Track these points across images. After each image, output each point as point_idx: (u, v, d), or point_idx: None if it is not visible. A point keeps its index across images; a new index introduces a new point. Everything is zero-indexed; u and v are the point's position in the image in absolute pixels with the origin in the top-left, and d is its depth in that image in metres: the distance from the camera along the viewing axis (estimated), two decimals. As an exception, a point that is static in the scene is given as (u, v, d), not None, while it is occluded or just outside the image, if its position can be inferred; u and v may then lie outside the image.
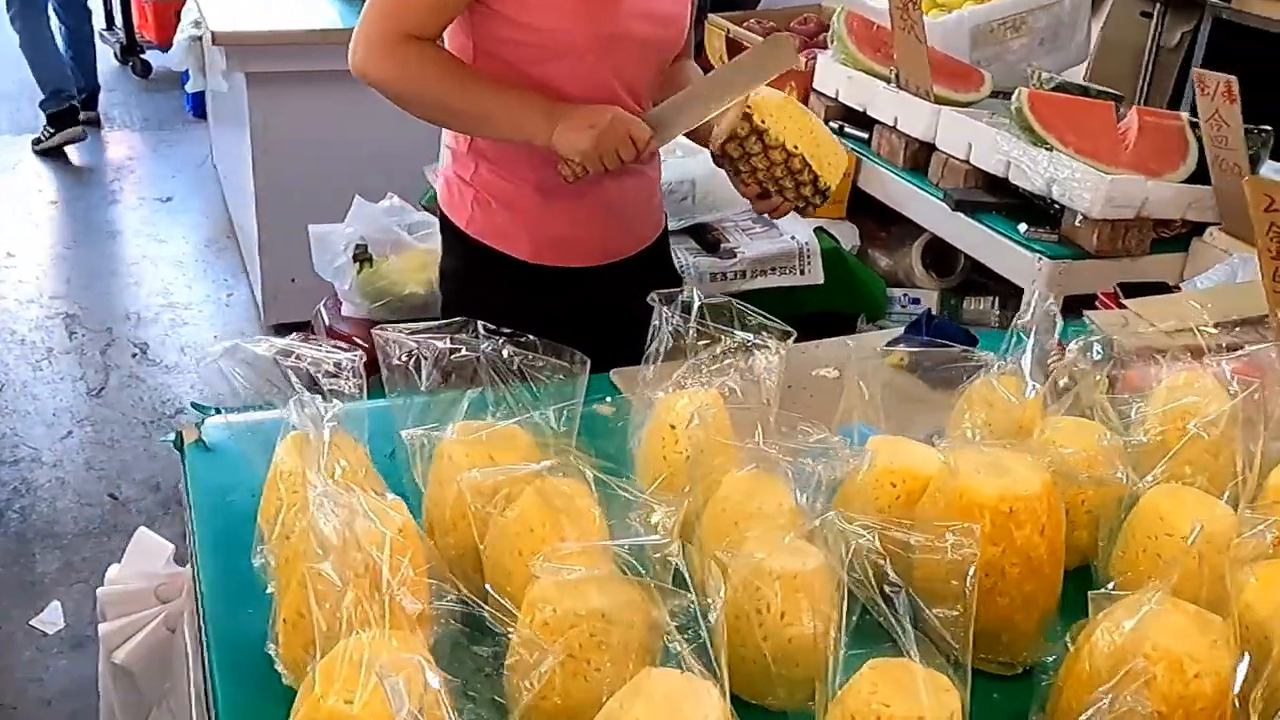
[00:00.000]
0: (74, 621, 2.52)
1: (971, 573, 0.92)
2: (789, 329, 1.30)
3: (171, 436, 1.46)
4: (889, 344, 1.76)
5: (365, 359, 2.38)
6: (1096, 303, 1.85)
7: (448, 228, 1.88)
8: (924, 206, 2.52)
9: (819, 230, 2.67)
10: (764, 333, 1.28)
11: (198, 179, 4.94)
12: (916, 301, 2.63)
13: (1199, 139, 2.35)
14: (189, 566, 1.63)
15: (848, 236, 2.75)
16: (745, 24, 3.31)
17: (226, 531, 1.27)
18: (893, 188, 2.62)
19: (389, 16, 1.61)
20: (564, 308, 1.84)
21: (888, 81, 2.68)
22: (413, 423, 1.21)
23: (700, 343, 1.30)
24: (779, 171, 1.68)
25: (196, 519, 1.32)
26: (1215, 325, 1.68)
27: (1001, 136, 2.34)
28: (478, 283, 1.88)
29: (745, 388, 1.26)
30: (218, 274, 4.13)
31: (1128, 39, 4.62)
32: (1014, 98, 2.32)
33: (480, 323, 1.22)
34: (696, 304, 1.31)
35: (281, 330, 3.69)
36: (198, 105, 5.44)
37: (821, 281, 2.62)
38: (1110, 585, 1.08)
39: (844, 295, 2.65)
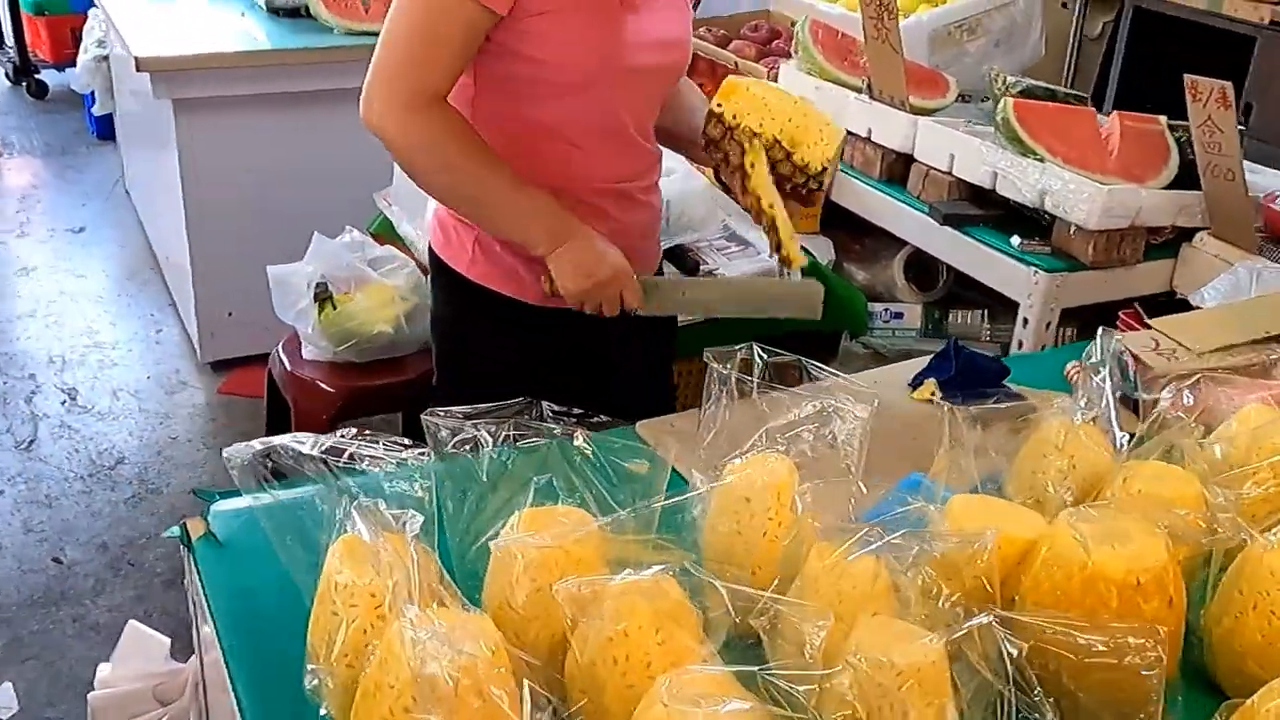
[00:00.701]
0: (29, 704, 2.33)
1: (1158, 680, 0.85)
2: (870, 391, 1.21)
3: (174, 532, 1.32)
4: (917, 376, 1.69)
5: (338, 405, 2.26)
6: (1119, 324, 1.80)
7: (444, 273, 1.77)
8: (904, 219, 2.46)
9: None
10: (842, 394, 1.18)
11: (109, 206, 4.69)
12: (899, 316, 2.58)
13: (1178, 142, 2.34)
14: (191, 662, 1.49)
15: (823, 251, 2.68)
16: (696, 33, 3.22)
17: (256, 641, 1.15)
18: (869, 200, 2.56)
19: (416, 69, 1.50)
20: (568, 348, 1.78)
21: (859, 91, 2.62)
22: (469, 513, 1.10)
23: (763, 404, 1.21)
24: (751, 155, 1.61)
25: (220, 628, 1.18)
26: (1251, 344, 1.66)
27: (986, 147, 2.30)
28: (479, 328, 1.79)
29: (821, 453, 1.18)
30: (143, 309, 3.92)
31: (1049, 30, 4.65)
32: (999, 108, 2.27)
33: (546, 404, 1.10)
34: (760, 363, 1.22)
35: (219, 367, 3.52)
36: (103, 127, 5.18)
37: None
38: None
39: (825, 312, 2.57)
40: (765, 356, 1.22)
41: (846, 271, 2.70)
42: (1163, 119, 2.38)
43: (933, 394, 1.65)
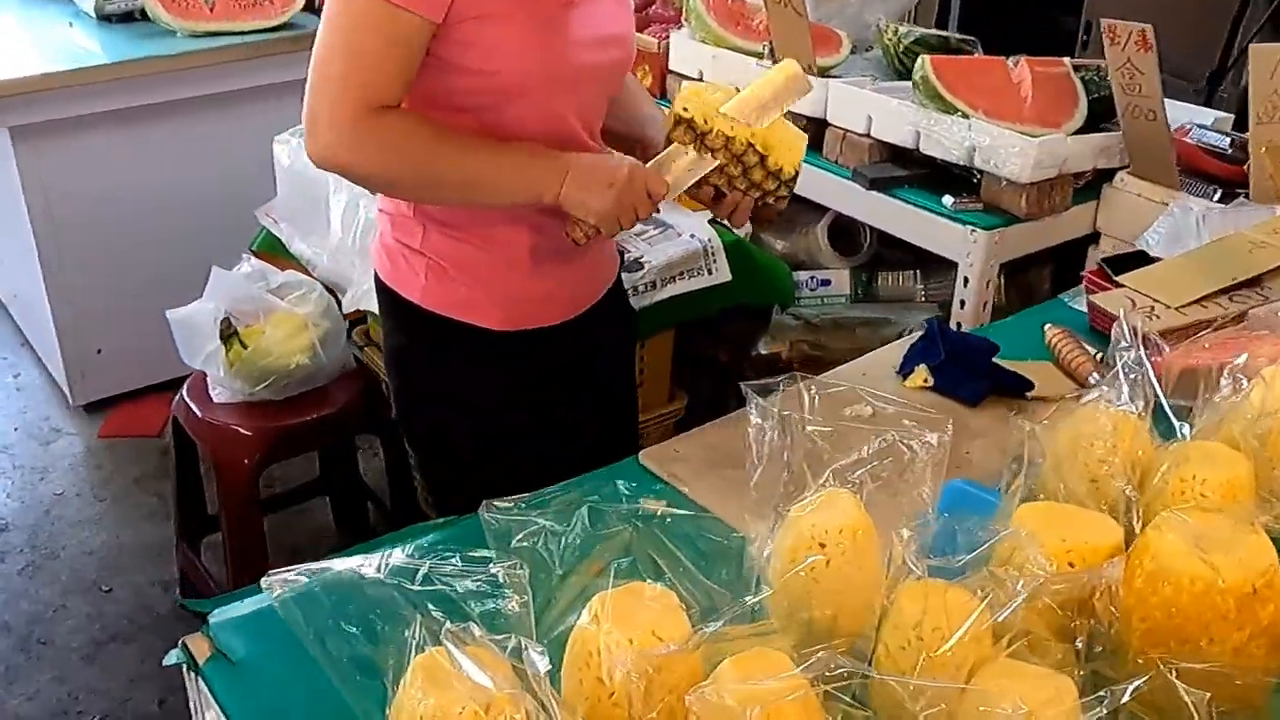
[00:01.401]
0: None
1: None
2: (939, 417, 1.15)
3: (176, 657, 1.17)
4: (905, 362, 1.65)
5: (261, 449, 2.09)
6: (1085, 284, 1.79)
7: (394, 303, 1.65)
8: (825, 185, 2.41)
9: (713, 222, 2.53)
10: (912, 424, 1.12)
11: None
12: (827, 283, 2.55)
13: (1083, 82, 2.36)
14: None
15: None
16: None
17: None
18: (784, 168, 2.50)
19: (356, 88, 1.37)
20: (534, 370, 1.68)
21: (760, 57, 2.55)
22: (538, 609, 1.00)
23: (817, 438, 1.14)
24: (723, 158, 1.52)
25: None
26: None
27: (906, 106, 2.26)
28: (436, 359, 1.67)
29: (894, 486, 1.11)
30: (-7, 353, 3.60)
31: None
32: (917, 66, 2.23)
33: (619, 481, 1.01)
34: (808, 398, 1.14)
35: (95, 409, 3.25)
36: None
37: (730, 278, 2.49)
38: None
39: (752, 288, 2.52)
40: (814, 390, 1.14)
41: (765, 242, 2.64)
42: (1066, 60, 2.39)
43: (925, 380, 1.61)
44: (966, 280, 2.19)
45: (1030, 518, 1.12)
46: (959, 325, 2.23)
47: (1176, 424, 1.27)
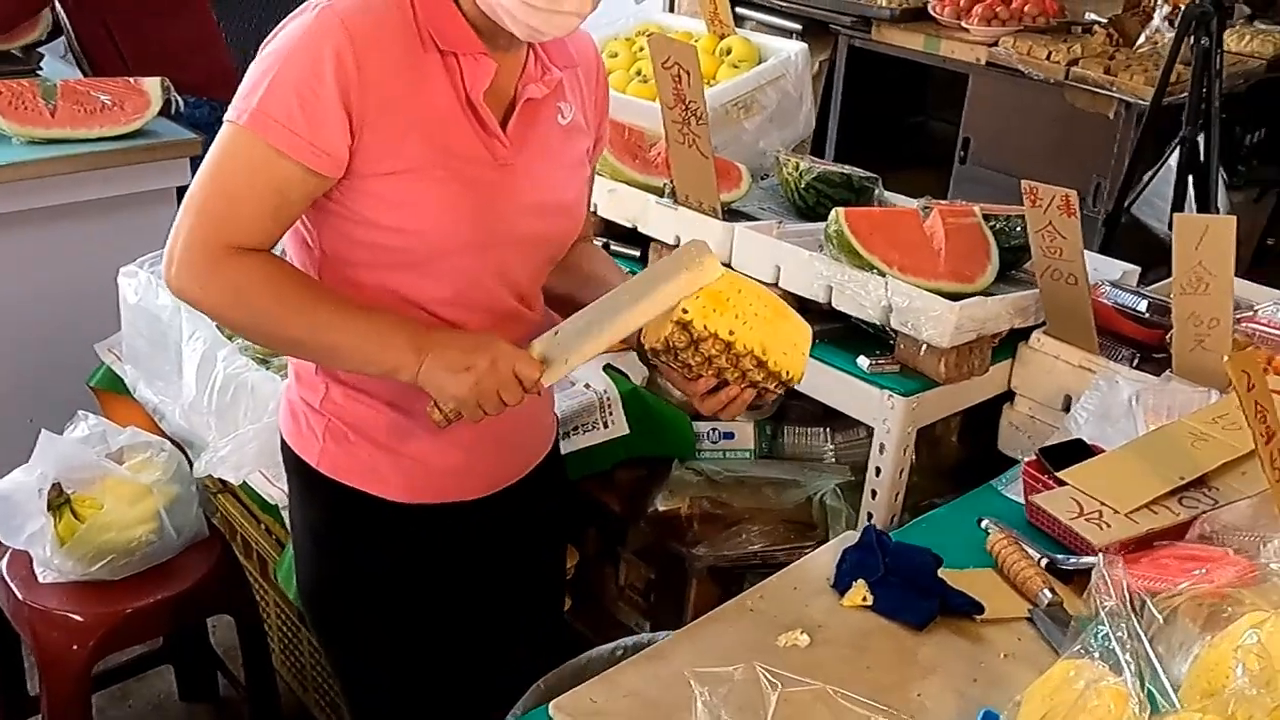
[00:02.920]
0: None
1: None
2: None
3: None
4: (839, 576, 1.48)
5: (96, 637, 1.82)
6: (1024, 479, 1.67)
7: (297, 467, 1.50)
8: (730, 335, 2.26)
9: (608, 368, 2.36)
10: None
11: None
12: (730, 436, 2.39)
13: (994, 232, 2.28)
14: None
15: (634, 369, 2.45)
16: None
17: None
18: (684, 313, 2.34)
19: (210, 225, 1.28)
20: (450, 550, 1.53)
21: (659, 194, 2.40)
22: None
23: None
24: (721, 361, 1.35)
25: None
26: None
27: (818, 259, 2.13)
28: (341, 533, 1.51)
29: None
30: None
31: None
32: (830, 220, 2.11)
33: None
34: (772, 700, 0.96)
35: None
36: None
37: (627, 430, 2.31)
38: None
39: (651, 440, 2.35)
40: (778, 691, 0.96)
41: (662, 389, 2.47)
42: (976, 209, 2.31)
43: (865, 599, 1.45)
44: (883, 447, 2.05)
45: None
46: (874, 493, 2.09)
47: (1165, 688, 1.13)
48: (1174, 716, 1.07)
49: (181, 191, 2.99)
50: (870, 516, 2.10)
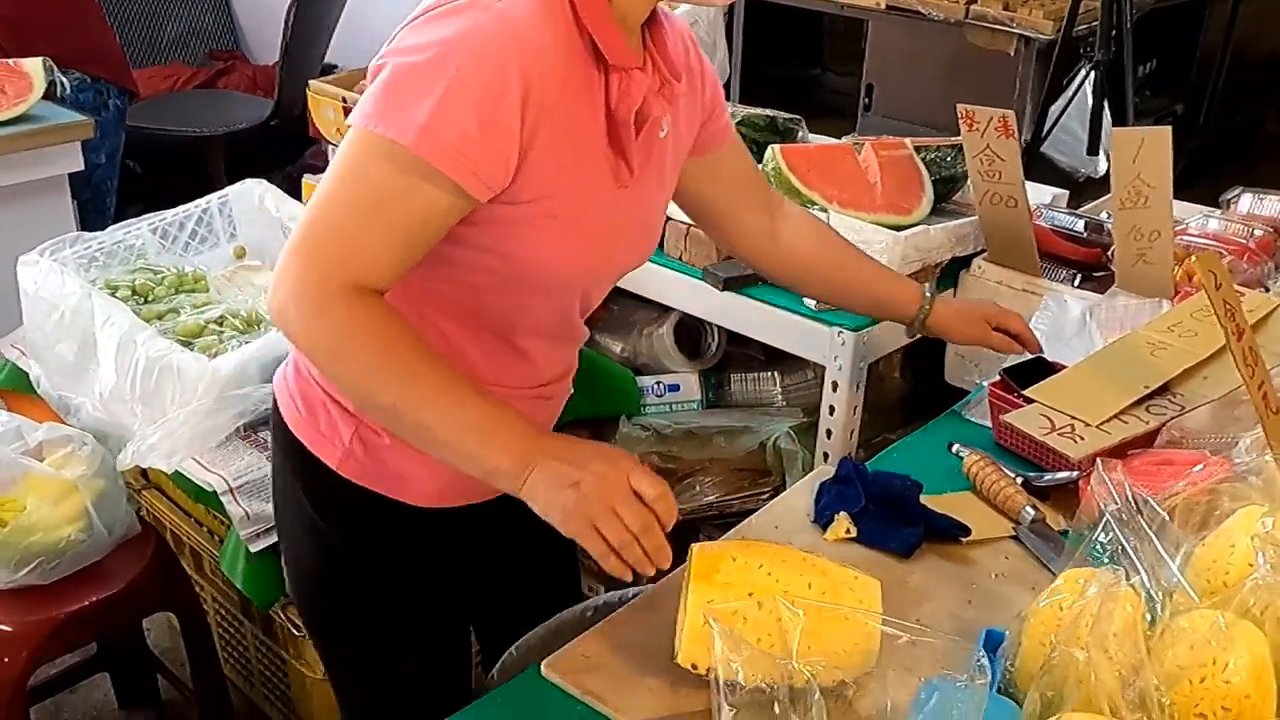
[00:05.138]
0: None
1: None
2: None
3: None
4: (820, 510, 1.45)
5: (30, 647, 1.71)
6: (990, 398, 1.65)
7: (305, 465, 1.36)
8: (670, 285, 2.21)
9: (545, 329, 2.29)
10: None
11: None
12: (675, 388, 2.34)
13: (926, 163, 2.26)
14: None
15: (572, 327, 2.39)
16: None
17: None
18: (621, 266, 2.29)
19: (335, 260, 1.09)
20: (461, 552, 1.48)
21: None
22: None
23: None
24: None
25: None
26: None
27: (756, 200, 2.09)
28: (353, 535, 1.40)
29: None
30: None
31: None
32: (768, 157, 2.07)
33: None
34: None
35: None
36: None
37: (570, 391, 2.24)
38: None
39: (594, 400, 2.28)
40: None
41: (600, 345, 2.42)
42: (908, 142, 2.29)
43: (848, 531, 1.42)
44: (835, 385, 2.02)
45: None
46: (829, 432, 2.07)
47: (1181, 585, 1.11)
48: (1194, 611, 1.05)
49: (74, 179, 2.88)
50: (826, 457, 2.07)
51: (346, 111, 2.76)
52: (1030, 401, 1.58)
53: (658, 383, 2.33)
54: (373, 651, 1.48)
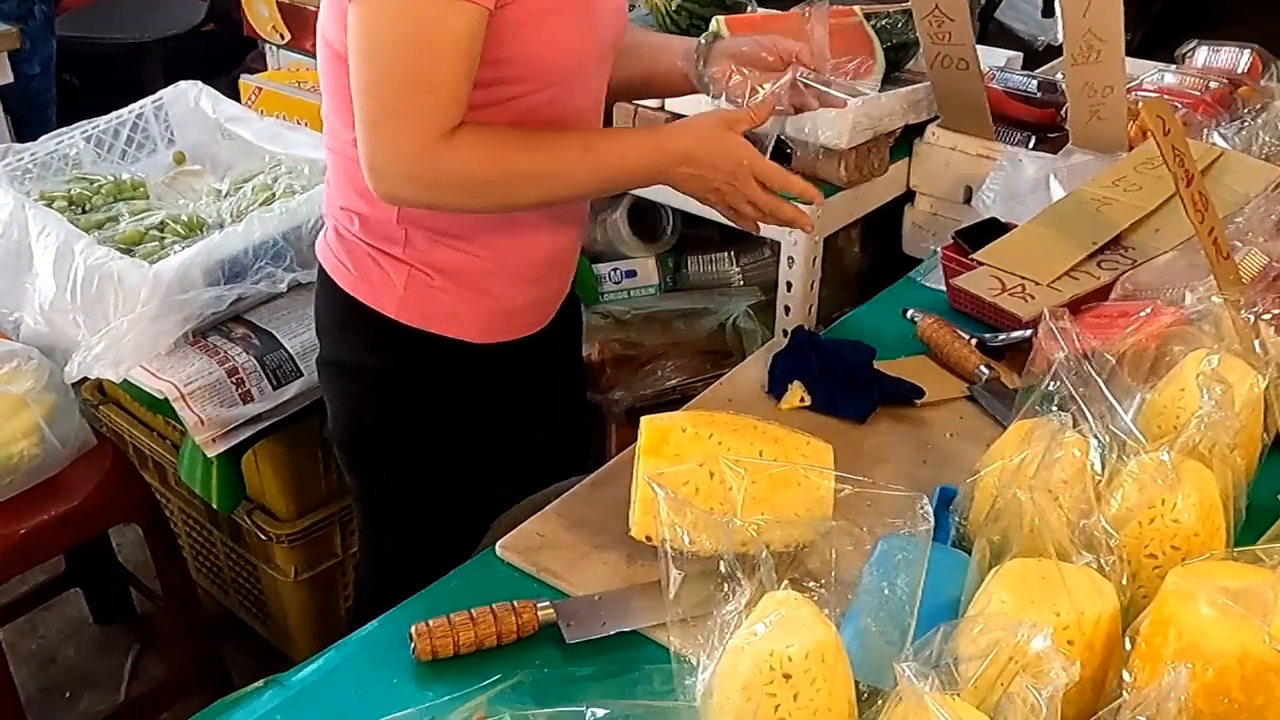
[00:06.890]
0: None
1: None
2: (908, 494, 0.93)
3: None
4: (773, 380, 1.44)
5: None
6: (942, 262, 1.63)
7: (360, 318, 1.45)
8: (620, 168, 2.17)
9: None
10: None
11: None
12: (632, 274, 2.32)
13: (876, 30, 2.21)
14: None
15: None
16: None
17: None
18: (570, 152, 2.24)
19: (417, 124, 1.20)
20: (502, 386, 1.53)
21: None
22: None
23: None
24: None
25: None
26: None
27: (703, 74, 2.04)
28: (410, 378, 1.49)
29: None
30: None
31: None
32: (711, 27, 2.01)
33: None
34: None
35: None
36: None
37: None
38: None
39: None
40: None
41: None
42: (857, 9, 2.23)
43: (802, 399, 1.41)
44: (792, 260, 2.00)
45: (1011, 588, 0.93)
46: (787, 309, 2.05)
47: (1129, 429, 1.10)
48: (1143, 455, 1.05)
49: (8, 92, 2.79)
50: (786, 334, 2.06)
51: (280, 7, 2.67)
52: (982, 264, 1.56)
53: (615, 269, 2.31)
54: (407, 493, 1.57)
